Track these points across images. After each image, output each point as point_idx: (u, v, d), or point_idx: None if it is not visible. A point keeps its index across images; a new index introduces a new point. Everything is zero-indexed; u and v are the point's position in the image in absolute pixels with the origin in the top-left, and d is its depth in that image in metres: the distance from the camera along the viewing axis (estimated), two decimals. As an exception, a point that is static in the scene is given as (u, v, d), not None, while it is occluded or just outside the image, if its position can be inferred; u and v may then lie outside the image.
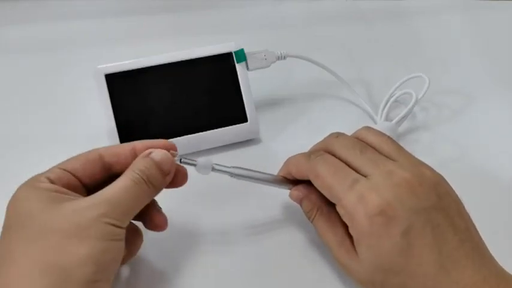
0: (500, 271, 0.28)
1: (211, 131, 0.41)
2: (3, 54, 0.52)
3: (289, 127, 0.45)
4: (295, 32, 0.57)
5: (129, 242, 0.31)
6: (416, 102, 0.43)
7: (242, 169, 0.34)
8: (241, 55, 0.42)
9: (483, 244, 0.29)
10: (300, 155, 0.34)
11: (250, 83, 0.42)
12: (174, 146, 0.32)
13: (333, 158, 0.32)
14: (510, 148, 0.44)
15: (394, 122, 0.43)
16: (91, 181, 0.31)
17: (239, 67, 0.42)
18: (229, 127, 0.41)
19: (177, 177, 0.32)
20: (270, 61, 0.43)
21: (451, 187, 0.31)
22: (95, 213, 0.27)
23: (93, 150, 0.31)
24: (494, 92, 0.49)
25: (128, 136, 0.39)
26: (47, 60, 0.51)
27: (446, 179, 0.31)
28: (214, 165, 0.33)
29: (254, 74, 0.43)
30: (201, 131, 0.41)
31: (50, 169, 0.30)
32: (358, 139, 0.33)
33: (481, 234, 0.30)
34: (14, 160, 0.42)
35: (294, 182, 0.35)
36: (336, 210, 0.31)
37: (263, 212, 0.37)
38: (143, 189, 0.29)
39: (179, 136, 0.40)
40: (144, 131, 0.40)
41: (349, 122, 0.45)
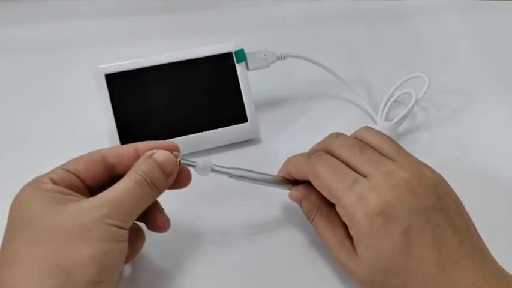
0: (500, 271, 0.28)
1: (211, 131, 0.41)
2: (3, 54, 0.52)
3: (289, 127, 0.45)
4: (295, 32, 0.57)
5: (132, 242, 0.31)
6: (416, 102, 0.43)
7: (242, 170, 0.34)
8: (241, 55, 0.42)
9: (483, 244, 0.29)
10: (300, 156, 0.34)
11: (250, 83, 0.42)
12: (177, 147, 0.32)
13: (332, 158, 0.32)
14: (510, 148, 0.44)
15: (394, 122, 0.43)
16: (94, 182, 0.31)
17: (239, 67, 0.42)
18: (229, 127, 0.41)
19: (181, 178, 0.32)
20: (270, 61, 0.43)
21: (451, 187, 0.31)
22: (98, 214, 0.27)
23: (96, 151, 0.31)
24: (494, 92, 0.49)
25: (128, 136, 0.39)
26: (47, 60, 0.51)
27: (446, 179, 0.31)
28: (214, 166, 0.33)
29: (254, 74, 0.43)
30: (201, 131, 0.41)
31: (53, 170, 0.30)
32: (357, 139, 0.33)
33: (481, 234, 0.30)
34: (14, 160, 0.42)
35: (294, 183, 0.35)
36: (336, 211, 0.31)
37: (263, 212, 0.38)
38: (146, 191, 0.29)
39: (179, 136, 0.40)
40: (144, 131, 0.40)
41: (349, 122, 0.45)
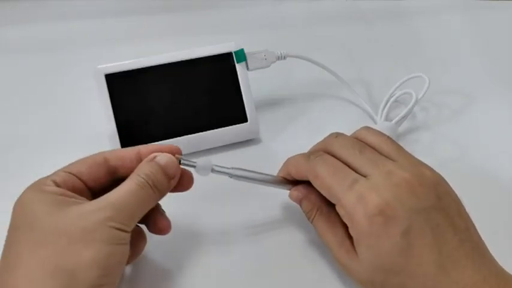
0: (500, 271, 0.28)
1: (211, 131, 0.41)
2: (3, 54, 0.52)
3: (289, 127, 0.45)
4: (295, 32, 0.57)
5: (133, 243, 0.30)
6: (416, 102, 0.43)
7: (242, 170, 0.34)
8: (241, 55, 0.42)
9: (483, 244, 0.29)
10: (300, 156, 0.34)
11: (250, 83, 0.42)
12: (179, 150, 0.32)
13: (332, 158, 0.32)
14: (510, 148, 0.44)
15: (394, 122, 0.43)
16: (96, 184, 0.30)
17: (239, 67, 0.42)
18: (229, 127, 0.41)
19: (183, 181, 0.32)
20: (270, 61, 0.43)
21: (451, 187, 0.31)
22: (101, 217, 0.27)
23: (98, 153, 0.31)
24: (494, 92, 0.49)
25: (128, 136, 0.39)
26: (47, 60, 0.51)
27: (446, 179, 0.31)
28: (214, 167, 0.33)
29: (254, 74, 0.43)
30: (201, 131, 0.41)
31: (56, 172, 0.30)
32: (357, 139, 0.33)
33: (481, 234, 0.29)
34: (14, 160, 0.42)
35: (294, 183, 0.35)
36: (336, 211, 0.31)
37: (263, 212, 0.38)
38: (148, 194, 0.29)
39: (179, 136, 0.40)
40: (144, 131, 0.40)
41: (349, 122, 0.45)
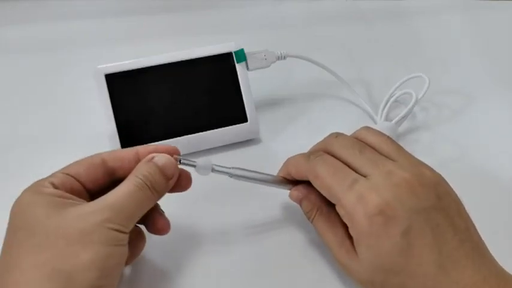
0: (500, 271, 0.28)
1: (211, 131, 0.41)
2: (3, 54, 0.52)
3: (289, 127, 0.45)
4: (295, 32, 0.57)
5: (132, 244, 0.30)
6: (416, 102, 0.43)
7: (242, 170, 0.34)
8: (241, 55, 0.42)
9: (483, 244, 0.29)
10: (300, 156, 0.34)
11: (250, 83, 0.42)
12: (177, 151, 0.32)
13: (332, 158, 0.32)
14: (510, 148, 0.44)
15: (394, 122, 0.43)
16: (94, 186, 0.30)
17: (239, 67, 0.42)
18: (229, 127, 0.41)
19: (181, 181, 0.32)
20: (270, 61, 0.43)
21: (451, 187, 0.31)
22: (99, 218, 0.27)
23: (96, 154, 0.31)
24: (494, 92, 0.49)
25: (128, 136, 0.39)
26: (47, 60, 0.51)
27: (446, 179, 0.31)
28: (214, 166, 0.33)
29: (254, 74, 0.43)
30: (201, 131, 0.41)
31: (53, 174, 0.30)
32: (357, 139, 0.33)
33: (481, 234, 0.29)
34: (14, 160, 0.42)
35: (294, 183, 0.35)
36: (336, 211, 0.31)
37: (263, 212, 0.37)
38: (146, 194, 0.29)
39: (179, 136, 0.40)
40: (144, 131, 0.40)
41: (349, 122, 0.45)
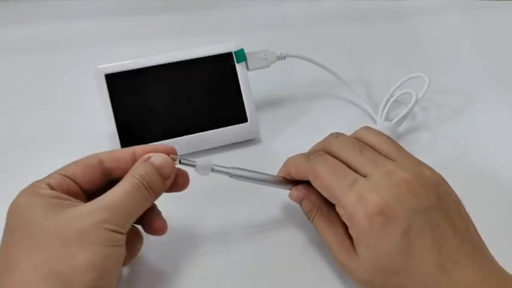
0: (500, 271, 0.28)
1: (211, 131, 0.41)
2: (3, 54, 0.52)
3: (289, 127, 0.45)
4: (295, 32, 0.57)
5: (130, 244, 0.30)
6: (416, 102, 0.43)
7: (242, 170, 0.34)
8: (241, 55, 0.42)
9: (483, 244, 0.29)
10: (300, 156, 0.34)
11: (250, 83, 0.42)
12: (174, 150, 0.32)
13: (332, 158, 0.32)
14: (510, 148, 0.44)
15: (394, 122, 0.43)
16: (91, 186, 0.30)
17: (239, 67, 0.42)
18: (229, 127, 0.41)
19: (178, 181, 0.32)
20: (270, 61, 0.43)
21: (451, 187, 0.31)
22: (96, 219, 0.27)
23: (93, 155, 0.31)
24: (494, 92, 0.49)
25: (128, 136, 0.39)
26: (47, 60, 0.51)
27: (446, 179, 0.31)
28: (214, 166, 0.33)
29: (254, 74, 0.43)
30: (201, 131, 0.41)
31: (50, 175, 0.30)
32: (357, 139, 0.33)
33: (481, 234, 0.29)
34: (14, 160, 0.42)
35: (294, 182, 0.35)
36: (336, 211, 0.31)
37: (263, 212, 0.37)
38: (143, 194, 0.29)
39: (179, 136, 0.40)
40: (144, 131, 0.40)
41: (349, 122, 0.45)
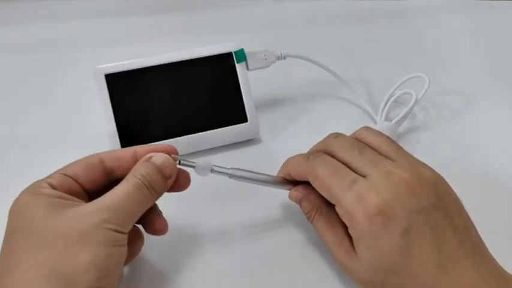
0: (500, 271, 0.28)
1: (211, 131, 0.41)
2: (3, 54, 0.52)
3: (289, 127, 0.45)
4: (295, 32, 0.57)
5: (131, 244, 0.30)
6: (416, 102, 0.43)
7: (241, 170, 0.34)
8: (241, 55, 0.42)
9: (483, 244, 0.29)
10: (299, 156, 0.34)
11: (250, 83, 0.42)
12: (175, 150, 0.32)
13: (331, 159, 0.32)
14: (510, 148, 0.44)
15: (394, 122, 0.43)
16: (92, 186, 0.30)
17: (239, 67, 0.42)
18: (229, 127, 0.41)
19: (179, 181, 0.32)
20: (270, 61, 0.43)
21: (451, 187, 0.31)
22: (97, 219, 0.27)
23: (94, 155, 0.31)
24: (494, 92, 0.49)
25: (128, 136, 0.39)
26: (47, 60, 0.51)
27: (446, 179, 0.31)
28: (214, 167, 0.33)
29: (254, 74, 0.43)
30: (201, 131, 0.41)
31: (51, 174, 0.30)
32: (357, 139, 0.33)
33: (481, 234, 0.29)
34: (14, 160, 0.42)
35: (293, 183, 0.35)
36: (336, 211, 0.31)
37: (262, 212, 0.37)
38: (145, 194, 0.29)
39: (179, 136, 0.40)
40: (144, 131, 0.40)
41: (349, 122, 0.45)
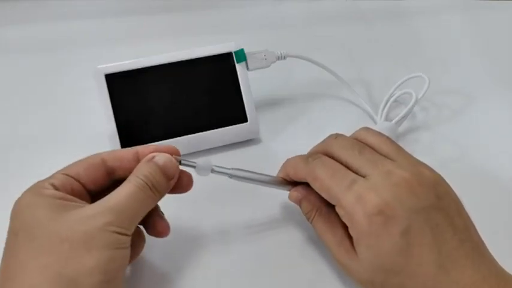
0: (500, 271, 0.28)
1: (211, 131, 0.41)
2: (3, 54, 0.52)
3: (289, 127, 0.45)
4: (295, 32, 0.57)
5: (133, 245, 0.30)
6: (416, 102, 0.43)
7: (241, 171, 0.34)
8: (241, 55, 0.42)
9: (483, 244, 0.29)
10: (298, 158, 0.34)
11: (250, 83, 0.42)
12: (177, 151, 0.32)
13: (330, 160, 0.32)
14: (510, 148, 0.44)
15: (394, 122, 0.43)
16: (94, 186, 0.30)
17: (239, 67, 0.42)
18: (229, 127, 0.41)
19: (182, 182, 0.32)
20: (270, 61, 0.43)
21: (450, 187, 0.31)
22: (101, 222, 0.26)
23: (95, 154, 0.31)
24: (494, 92, 0.49)
25: (128, 136, 0.39)
26: (47, 60, 0.51)
27: (446, 179, 0.31)
28: (214, 167, 0.33)
29: (254, 74, 0.43)
30: (201, 131, 0.41)
31: (53, 175, 0.29)
32: (357, 140, 0.33)
33: (481, 234, 0.29)
34: (14, 160, 0.42)
35: (293, 183, 0.35)
36: (335, 211, 0.31)
37: (263, 212, 0.37)
38: (148, 195, 0.29)
39: (179, 136, 0.40)
40: (144, 131, 0.40)
41: (349, 122, 0.45)
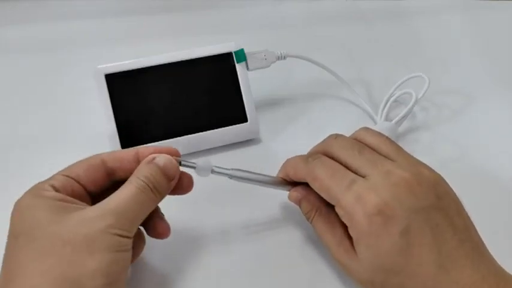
0: (500, 271, 0.28)
1: (211, 131, 0.41)
2: (3, 54, 0.52)
3: (289, 127, 0.45)
4: (295, 32, 0.57)
5: (133, 246, 0.30)
6: (416, 102, 0.43)
7: (241, 171, 0.34)
8: (241, 55, 0.42)
9: (482, 244, 0.29)
10: (298, 158, 0.34)
11: (250, 83, 0.42)
12: (177, 152, 0.32)
13: (330, 160, 0.32)
14: (510, 148, 0.44)
15: (394, 122, 0.43)
16: (95, 187, 0.30)
17: (239, 67, 0.42)
18: (229, 127, 0.41)
19: (182, 183, 0.32)
20: (270, 61, 0.43)
21: (450, 187, 0.31)
22: (102, 224, 0.26)
23: (95, 155, 0.31)
24: (494, 92, 0.49)
25: (128, 136, 0.39)
26: (47, 60, 0.51)
27: (446, 179, 0.31)
28: (214, 168, 0.33)
29: (254, 74, 0.43)
30: (201, 131, 0.41)
31: (54, 176, 0.29)
32: (356, 140, 0.33)
33: (481, 234, 0.30)
34: (14, 160, 0.42)
35: (293, 184, 0.35)
36: (335, 211, 0.31)
37: (263, 213, 0.37)
38: (149, 196, 0.29)
39: (179, 136, 0.40)
40: (144, 131, 0.40)
41: (349, 122, 0.45)
